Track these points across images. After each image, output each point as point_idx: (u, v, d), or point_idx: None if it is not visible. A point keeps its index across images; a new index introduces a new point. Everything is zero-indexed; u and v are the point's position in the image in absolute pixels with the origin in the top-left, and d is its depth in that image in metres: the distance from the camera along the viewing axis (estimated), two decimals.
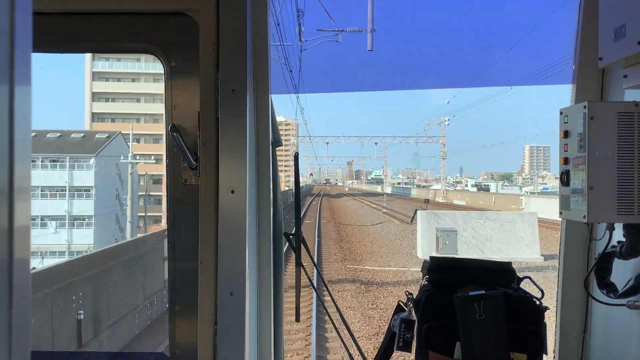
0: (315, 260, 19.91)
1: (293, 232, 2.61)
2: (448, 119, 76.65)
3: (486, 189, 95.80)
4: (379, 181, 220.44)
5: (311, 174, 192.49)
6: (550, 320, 2.12)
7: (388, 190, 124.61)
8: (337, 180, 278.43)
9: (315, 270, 8.26)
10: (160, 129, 66.76)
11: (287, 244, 2.65)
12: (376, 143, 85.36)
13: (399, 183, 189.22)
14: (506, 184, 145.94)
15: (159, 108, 68.78)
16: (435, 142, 77.78)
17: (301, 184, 2.95)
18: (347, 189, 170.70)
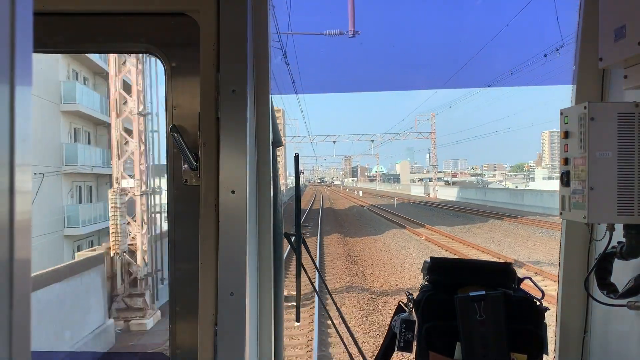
0: None
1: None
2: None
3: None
4: (389, 179, 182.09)
5: (302, 172, 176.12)
6: (551, 320, 2.12)
7: (449, 194, 67.82)
8: (332, 178, 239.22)
9: (316, 272, 8.26)
10: None
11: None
12: (372, 140, 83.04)
13: (439, 179, 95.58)
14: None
15: None
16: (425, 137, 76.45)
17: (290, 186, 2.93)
18: (360, 193, 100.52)
